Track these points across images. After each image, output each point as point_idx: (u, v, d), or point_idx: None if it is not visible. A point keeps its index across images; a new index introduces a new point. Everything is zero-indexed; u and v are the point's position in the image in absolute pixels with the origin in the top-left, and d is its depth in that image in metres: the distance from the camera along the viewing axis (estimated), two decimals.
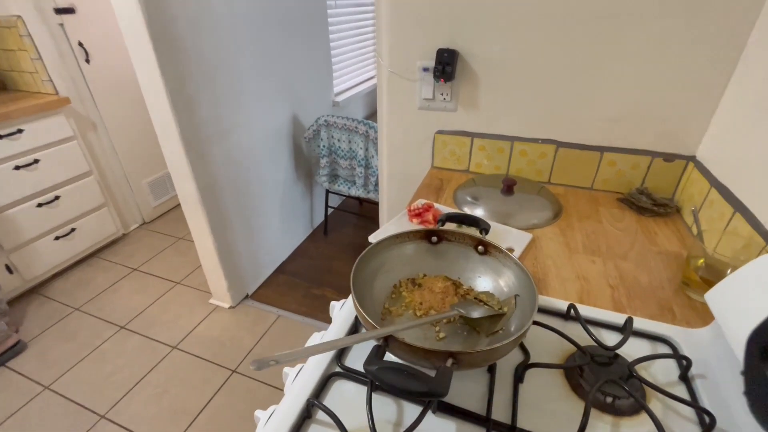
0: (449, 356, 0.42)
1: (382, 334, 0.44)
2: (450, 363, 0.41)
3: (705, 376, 0.53)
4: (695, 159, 0.94)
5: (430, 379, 0.38)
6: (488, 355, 0.45)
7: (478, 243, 0.64)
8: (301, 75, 2.11)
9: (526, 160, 1.09)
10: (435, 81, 1.05)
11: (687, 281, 0.70)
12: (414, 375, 0.38)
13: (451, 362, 0.42)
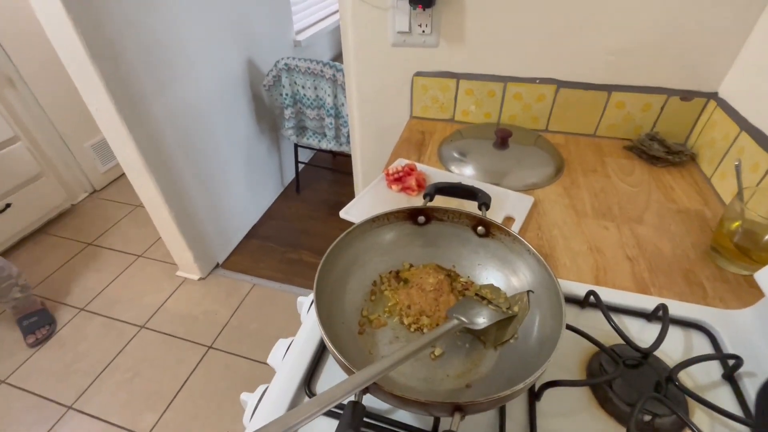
0: (455, 409, 0.30)
1: (362, 384, 0.31)
2: (457, 421, 0.29)
3: (755, 374, 0.44)
4: (717, 96, 0.80)
5: None
6: (502, 400, 0.33)
7: (478, 223, 0.50)
8: (254, 9, 1.79)
9: (521, 105, 0.93)
10: (411, 8, 0.84)
11: (718, 248, 0.60)
12: None
13: (459, 418, 0.30)
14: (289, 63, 1.75)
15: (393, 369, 0.33)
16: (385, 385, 0.31)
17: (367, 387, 0.31)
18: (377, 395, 0.33)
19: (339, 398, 0.29)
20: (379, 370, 0.32)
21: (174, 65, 1.43)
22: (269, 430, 0.26)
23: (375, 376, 0.31)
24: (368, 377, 0.31)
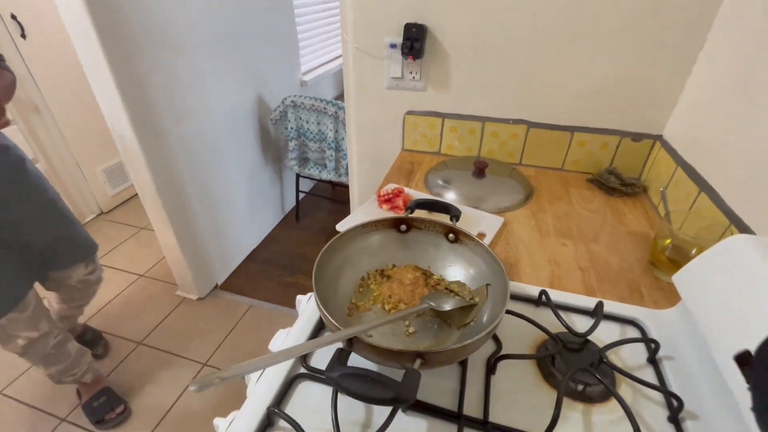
0: (417, 356, 0.39)
1: (345, 336, 0.40)
2: (418, 364, 0.39)
3: (673, 357, 0.54)
4: (662, 138, 0.94)
5: (396, 384, 0.35)
6: (458, 352, 0.42)
7: (449, 231, 0.61)
8: (265, 53, 1.99)
9: (498, 142, 1.06)
10: (403, 58, 1.00)
11: (654, 262, 0.70)
12: (379, 381, 0.35)
13: (420, 363, 0.39)
14: (295, 100, 1.93)
15: (370, 330, 0.42)
16: (365, 341, 0.41)
17: (350, 340, 0.41)
18: (359, 350, 0.42)
19: (328, 343, 0.38)
20: (360, 329, 0.42)
21: (191, 99, 1.59)
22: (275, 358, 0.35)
23: (356, 332, 0.41)
24: (351, 332, 0.41)
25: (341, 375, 0.36)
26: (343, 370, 0.37)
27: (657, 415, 0.48)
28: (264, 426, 0.46)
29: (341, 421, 0.44)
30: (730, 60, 0.73)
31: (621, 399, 0.45)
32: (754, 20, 0.68)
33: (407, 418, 0.47)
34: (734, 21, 0.74)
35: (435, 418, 0.47)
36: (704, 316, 0.49)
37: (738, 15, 0.73)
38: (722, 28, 0.77)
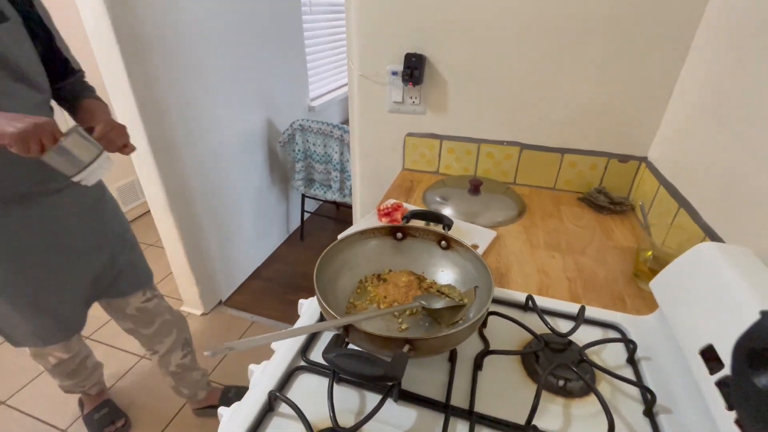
0: (406, 343, 0.44)
1: (342, 323, 0.45)
2: (407, 349, 0.43)
3: (650, 358, 0.57)
4: (647, 160, 0.99)
5: (385, 363, 0.39)
6: (444, 341, 0.46)
7: (441, 238, 0.66)
8: (276, 79, 2.11)
9: (493, 162, 1.12)
10: (404, 84, 1.08)
11: (637, 273, 0.74)
12: (370, 360, 0.39)
13: (408, 348, 0.43)
14: (303, 124, 2.02)
15: (364, 320, 0.46)
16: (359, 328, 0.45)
17: (346, 329, 0.45)
18: (354, 338, 0.46)
19: (327, 327, 0.43)
20: (355, 318, 0.46)
21: (205, 121, 1.68)
22: (281, 335, 0.40)
23: (351, 320, 0.45)
24: (347, 320, 0.45)
25: (337, 355, 0.40)
26: (339, 351, 0.41)
27: (633, 409, 0.51)
28: (265, 410, 0.49)
29: (337, 409, 0.47)
30: (703, 88, 0.79)
31: (599, 393, 0.48)
32: (721, 53, 0.75)
33: (398, 407, 0.50)
34: (705, 53, 0.81)
35: (424, 407, 0.50)
36: (675, 316, 0.53)
37: (708, 49, 0.80)
38: (695, 59, 0.84)
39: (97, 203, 0.98)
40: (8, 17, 0.71)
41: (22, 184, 0.79)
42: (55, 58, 0.84)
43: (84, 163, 0.67)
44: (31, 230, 0.83)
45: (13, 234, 0.81)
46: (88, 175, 0.68)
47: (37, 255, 0.85)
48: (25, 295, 0.88)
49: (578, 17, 0.89)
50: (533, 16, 0.92)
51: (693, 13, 0.83)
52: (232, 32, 1.74)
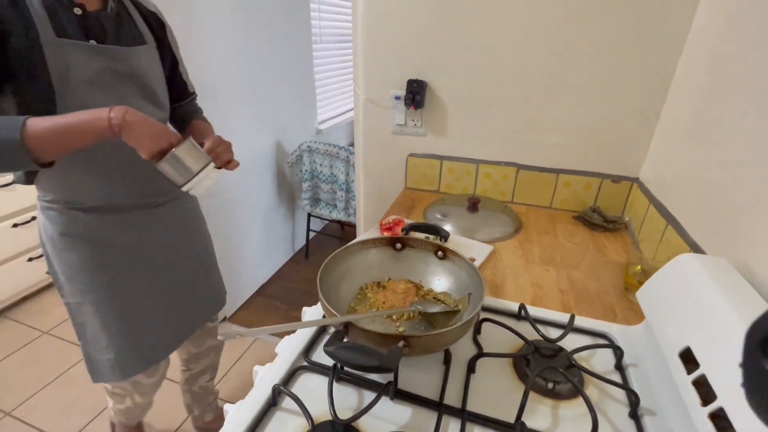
0: (401, 339, 0.47)
1: (344, 320, 0.48)
2: (401, 344, 0.46)
3: (637, 365, 0.59)
4: (638, 180, 1.04)
5: (381, 355, 0.43)
6: (437, 339, 0.50)
7: (438, 249, 0.70)
8: (286, 104, 2.21)
9: (491, 182, 1.17)
10: (406, 108, 1.15)
11: (627, 286, 0.77)
12: (367, 352, 0.43)
13: (402, 344, 0.47)
14: (311, 145, 2.10)
15: (363, 319, 0.50)
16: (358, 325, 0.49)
17: (345, 325, 0.49)
18: (353, 335, 0.50)
19: (329, 323, 0.46)
20: (354, 317, 0.50)
21: None
22: (286, 327, 0.43)
23: (351, 318, 0.49)
24: (347, 318, 0.49)
25: (337, 347, 0.44)
26: (338, 344, 0.44)
27: (619, 411, 0.53)
28: (269, 405, 0.52)
29: (336, 405, 0.50)
30: (685, 113, 0.85)
31: (585, 395, 0.51)
32: (699, 82, 0.80)
33: (394, 405, 0.53)
34: (686, 82, 0.86)
35: (419, 405, 0.53)
36: (658, 322, 0.56)
37: (689, 78, 0.86)
38: (678, 87, 0.90)
39: (189, 223, 0.99)
40: (147, 41, 0.79)
41: (122, 196, 0.81)
42: (176, 81, 0.92)
43: (193, 172, 0.68)
44: (125, 243, 0.83)
45: (107, 245, 0.81)
46: (196, 184, 0.70)
47: (128, 269, 0.85)
48: (113, 310, 0.85)
49: (571, 47, 0.96)
50: (528, 45, 0.99)
51: (674, 46, 0.89)
52: (247, 61, 1.85)
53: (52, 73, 0.65)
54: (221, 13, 1.66)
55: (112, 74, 0.72)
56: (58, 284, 0.86)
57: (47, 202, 0.79)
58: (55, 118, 0.60)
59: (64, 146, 0.62)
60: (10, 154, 0.58)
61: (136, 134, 0.63)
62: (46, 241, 0.82)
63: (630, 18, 0.90)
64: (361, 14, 1.10)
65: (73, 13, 0.68)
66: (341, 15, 2.71)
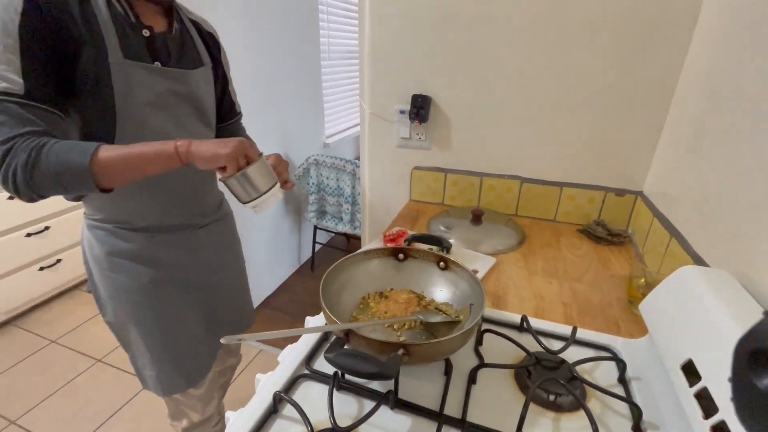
0: (400, 347, 0.47)
1: (346, 327, 0.49)
2: (401, 352, 0.47)
3: (640, 378, 0.59)
4: (642, 194, 1.04)
5: (381, 362, 0.43)
6: (437, 347, 0.50)
7: (440, 259, 0.71)
8: (294, 118, 2.26)
9: (495, 194, 1.18)
10: (411, 122, 1.17)
11: (631, 299, 0.77)
12: (367, 359, 0.43)
13: (402, 352, 0.47)
14: (318, 159, 2.14)
15: (364, 327, 0.51)
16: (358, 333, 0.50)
17: (346, 333, 0.49)
18: (354, 342, 0.50)
19: (330, 329, 0.47)
20: (355, 325, 0.50)
21: None
22: (287, 333, 0.44)
23: (352, 326, 0.50)
24: (348, 326, 0.49)
25: (337, 354, 0.44)
26: (339, 351, 0.45)
27: (622, 425, 0.52)
28: (270, 412, 0.53)
29: (336, 413, 0.51)
30: (686, 128, 0.85)
31: (586, 407, 0.50)
32: (700, 95, 0.81)
33: (394, 414, 0.53)
34: (686, 97, 0.87)
35: (419, 415, 0.53)
36: (660, 334, 0.56)
37: (688, 94, 0.87)
38: (679, 102, 0.91)
39: (230, 243, 1.00)
40: (204, 62, 0.81)
41: (172, 217, 0.81)
42: (225, 101, 0.93)
43: (261, 191, 0.66)
44: (173, 263, 0.84)
45: (155, 265, 0.81)
46: (260, 203, 0.67)
47: (174, 288, 0.85)
48: (157, 329, 0.85)
49: (573, 63, 0.98)
50: (531, 60, 1.01)
51: (675, 62, 0.91)
52: (257, 77, 1.90)
53: (116, 93, 0.65)
54: (234, 30, 1.72)
55: (172, 95, 0.73)
56: (100, 303, 0.87)
57: (95, 221, 0.79)
58: (125, 148, 0.60)
59: (129, 175, 0.62)
60: (75, 179, 0.58)
61: (204, 152, 0.61)
62: (91, 261, 0.82)
63: (631, 35, 0.92)
64: (367, 32, 1.14)
65: (141, 34, 0.69)
66: (349, 33, 2.78)
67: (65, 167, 0.57)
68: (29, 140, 0.57)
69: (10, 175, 0.57)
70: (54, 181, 0.58)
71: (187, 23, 0.80)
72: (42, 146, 0.57)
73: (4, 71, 0.56)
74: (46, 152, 0.57)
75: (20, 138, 0.57)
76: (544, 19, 0.97)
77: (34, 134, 0.58)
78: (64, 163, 0.57)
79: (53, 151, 0.57)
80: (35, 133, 0.58)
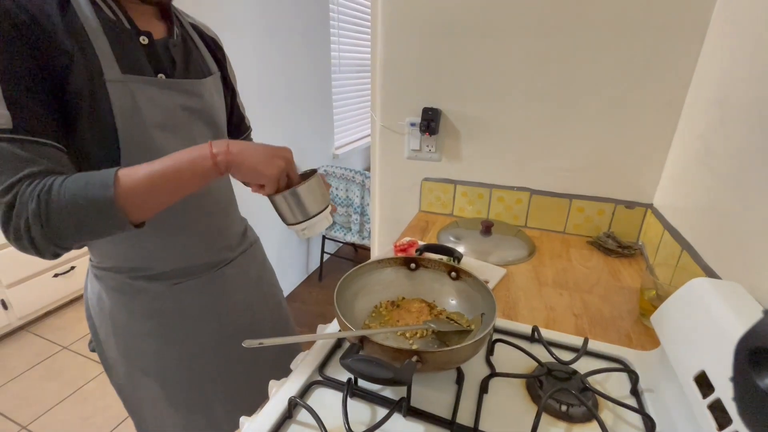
0: (414, 354, 0.48)
1: (360, 334, 0.50)
2: (415, 359, 0.48)
3: (653, 390, 0.59)
4: (653, 206, 1.04)
5: (395, 368, 0.44)
6: (450, 355, 0.51)
7: (451, 269, 0.72)
8: (305, 129, 2.30)
9: (504, 206, 1.19)
10: (421, 134, 1.19)
11: (643, 311, 0.77)
12: (382, 365, 0.44)
13: (416, 359, 0.48)
14: (327, 169, 2.17)
15: (375, 335, 0.52)
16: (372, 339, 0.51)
17: (361, 339, 0.51)
18: (368, 348, 0.51)
19: (344, 336, 0.48)
20: (369, 332, 0.51)
21: None
22: (304, 338, 0.45)
23: (366, 333, 0.51)
24: (362, 333, 0.50)
25: (353, 359, 0.45)
26: (354, 357, 0.46)
27: None
28: (284, 417, 0.53)
29: (350, 420, 0.51)
30: (696, 140, 0.86)
31: (599, 419, 0.50)
32: (709, 108, 0.82)
33: (406, 422, 0.53)
34: (695, 110, 0.88)
35: (431, 423, 0.53)
36: (673, 346, 0.56)
37: (697, 106, 0.88)
38: (688, 114, 0.92)
39: (261, 276, 0.88)
40: (212, 71, 0.72)
41: (194, 255, 0.71)
42: (235, 113, 0.84)
43: (310, 214, 0.58)
44: (198, 312, 0.74)
45: (179, 316, 0.72)
46: (308, 227, 0.59)
47: (201, 338, 0.75)
48: (183, 384, 0.76)
49: (582, 75, 1.00)
50: (540, 73, 1.03)
51: (684, 74, 0.92)
52: (268, 90, 1.95)
53: (117, 116, 0.55)
54: (246, 43, 1.77)
55: (183, 112, 0.63)
56: (107, 364, 0.76)
57: (104, 270, 0.68)
58: (150, 166, 0.50)
59: (164, 199, 0.52)
60: (101, 219, 0.48)
61: (246, 167, 0.53)
62: (100, 318, 0.71)
63: (640, 47, 0.93)
64: (379, 47, 1.17)
65: (138, 42, 0.58)
66: (359, 47, 2.84)
67: (85, 207, 0.47)
68: (33, 185, 0.47)
69: (23, 230, 0.47)
70: (75, 226, 0.48)
71: (187, 27, 0.70)
72: (50, 188, 0.47)
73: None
74: (57, 193, 0.46)
75: (22, 184, 0.47)
76: (553, 32, 0.99)
77: (37, 176, 0.48)
78: (82, 202, 0.47)
79: (66, 190, 0.47)
80: (37, 174, 0.48)
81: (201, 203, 0.68)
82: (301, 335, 0.45)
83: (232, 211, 0.82)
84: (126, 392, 0.78)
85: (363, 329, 0.65)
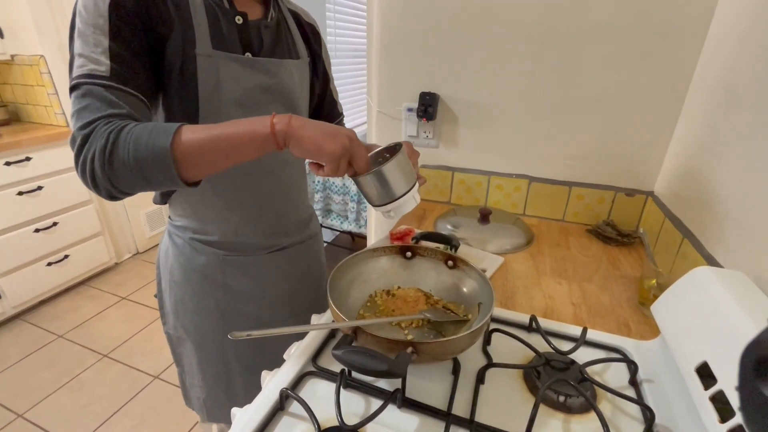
0: (408, 345, 0.47)
1: (352, 324, 0.48)
2: (410, 350, 0.46)
3: (652, 380, 0.58)
4: (653, 194, 1.02)
5: (390, 360, 0.43)
6: (445, 346, 0.49)
7: (448, 258, 0.70)
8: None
9: (503, 194, 1.17)
10: (418, 120, 1.16)
11: (643, 300, 0.76)
12: (376, 356, 0.43)
13: (411, 350, 0.46)
14: None
15: (370, 325, 0.50)
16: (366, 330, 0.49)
17: (354, 330, 0.49)
18: (362, 340, 0.50)
19: (338, 326, 0.46)
20: (363, 322, 0.50)
21: None
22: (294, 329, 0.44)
23: (360, 323, 0.49)
24: (356, 323, 0.49)
25: (345, 351, 0.44)
26: (347, 348, 0.45)
27: (634, 428, 0.51)
28: (276, 409, 0.52)
29: (343, 411, 0.50)
30: (700, 125, 0.84)
31: (598, 409, 0.49)
32: (714, 94, 0.80)
33: (401, 413, 0.52)
34: (700, 97, 0.86)
35: (427, 415, 0.52)
36: (674, 336, 0.55)
37: (702, 92, 0.85)
38: (692, 101, 0.89)
39: (312, 271, 0.89)
40: (300, 56, 0.73)
41: (249, 233, 0.74)
42: (327, 99, 0.86)
43: (396, 195, 0.54)
44: (241, 291, 0.77)
45: (223, 289, 0.75)
46: (394, 208, 0.56)
47: (236, 318, 0.78)
48: (213, 356, 0.81)
49: (583, 61, 0.97)
50: (541, 58, 1.00)
51: (688, 60, 0.89)
52: None
53: (201, 89, 0.59)
54: None
55: (262, 92, 0.66)
56: (163, 312, 0.84)
57: (176, 228, 0.75)
58: (211, 128, 0.51)
59: (218, 161, 0.52)
60: (156, 167, 0.49)
61: (307, 141, 0.50)
62: (163, 268, 0.79)
63: (644, 32, 0.90)
64: (376, 31, 1.13)
65: (234, 21, 0.62)
66: (355, 32, 2.78)
67: (145, 152, 0.48)
68: (110, 124, 0.50)
69: (88, 162, 0.49)
70: (134, 169, 0.49)
71: (285, 13, 0.72)
72: (121, 129, 0.49)
73: (92, 52, 0.51)
74: (125, 135, 0.49)
75: (102, 121, 0.50)
76: (555, 17, 0.95)
77: (117, 117, 0.51)
78: (143, 147, 0.48)
79: (133, 134, 0.49)
80: (118, 116, 0.51)
81: (259, 184, 0.69)
82: (293, 326, 0.43)
83: (297, 197, 0.81)
84: (173, 342, 0.86)
85: (357, 319, 0.64)
